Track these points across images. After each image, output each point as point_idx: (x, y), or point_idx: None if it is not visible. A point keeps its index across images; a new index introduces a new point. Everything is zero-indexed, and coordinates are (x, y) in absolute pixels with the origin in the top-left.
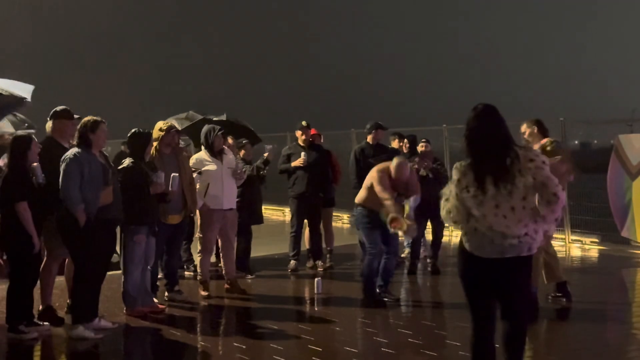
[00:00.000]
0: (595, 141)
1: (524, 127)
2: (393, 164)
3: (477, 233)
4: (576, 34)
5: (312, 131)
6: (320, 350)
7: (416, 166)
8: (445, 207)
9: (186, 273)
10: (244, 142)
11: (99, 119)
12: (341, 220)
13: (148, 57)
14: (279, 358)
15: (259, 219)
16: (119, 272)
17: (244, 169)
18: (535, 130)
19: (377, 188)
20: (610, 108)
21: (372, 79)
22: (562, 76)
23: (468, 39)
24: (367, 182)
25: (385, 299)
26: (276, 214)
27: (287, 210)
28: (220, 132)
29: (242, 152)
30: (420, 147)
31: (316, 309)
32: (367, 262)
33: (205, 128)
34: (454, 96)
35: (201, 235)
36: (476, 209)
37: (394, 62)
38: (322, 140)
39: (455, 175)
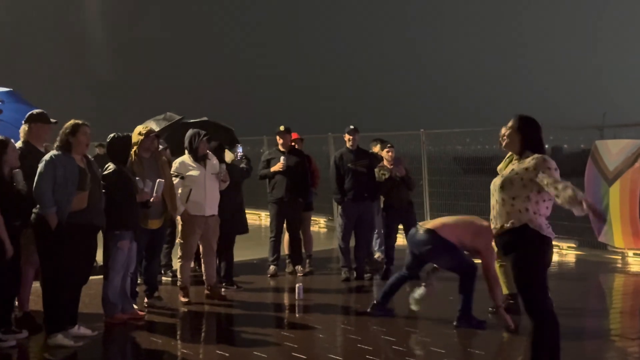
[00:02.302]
0: (565, 145)
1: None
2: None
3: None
4: (546, 43)
5: (294, 135)
6: (304, 357)
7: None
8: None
9: (164, 278)
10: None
11: (80, 122)
12: (318, 225)
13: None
14: None
15: (244, 227)
16: (97, 277)
17: (224, 172)
18: None
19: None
20: (581, 113)
21: (349, 84)
22: (537, 82)
23: (446, 45)
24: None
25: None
26: (252, 217)
27: (263, 214)
28: (205, 137)
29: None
30: (387, 153)
31: (297, 315)
32: (471, 282)
33: (190, 132)
34: (430, 102)
35: (182, 241)
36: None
37: (372, 68)
38: (303, 145)
39: (554, 164)
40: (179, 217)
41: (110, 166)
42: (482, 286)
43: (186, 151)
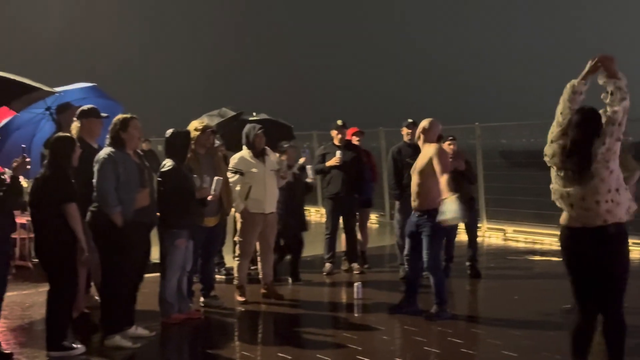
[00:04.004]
0: (631, 138)
1: None
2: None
3: None
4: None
5: (353, 129)
6: None
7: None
8: None
9: (217, 277)
10: (285, 145)
11: (129, 115)
12: (369, 221)
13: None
14: None
15: (302, 225)
16: (151, 275)
17: (285, 167)
18: None
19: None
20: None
21: (401, 76)
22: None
23: (503, 35)
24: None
25: None
26: None
27: (313, 209)
28: (260, 131)
29: (284, 157)
30: (449, 146)
31: (357, 315)
32: None
33: (247, 127)
34: (486, 94)
35: (241, 239)
36: None
37: (423, 60)
38: (363, 138)
39: None
40: (236, 215)
41: (168, 163)
42: (552, 285)
43: (244, 147)
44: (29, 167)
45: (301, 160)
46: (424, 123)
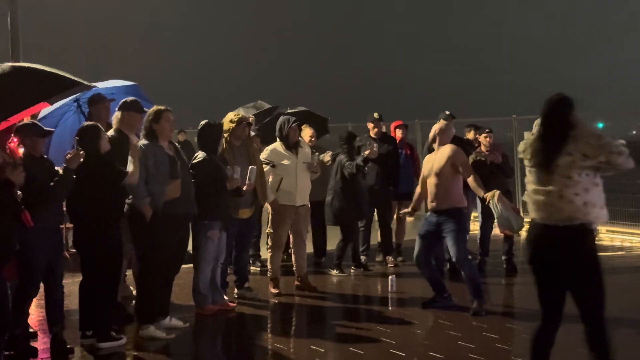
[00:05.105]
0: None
1: None
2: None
3: None
4: None
5: (397, 122)
6: (403, 355)
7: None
8: None
9: (252, 268)
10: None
11: (162, 107)
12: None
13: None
14: None
15: (365, 213)
16: (186, 266)
17: (316, 162)
18: None
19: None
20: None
21: (438, 68)
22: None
23: (539, 24)
24: None
25: None
26: None
27: None
28: (294, 124)
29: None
30: (485, 139)
31: (391, 308)
32: None
33: (280, 119)
34: (523, 85)
35: (272, 231)
36: None
37: (459, 50)
38: (407, 131)
39: None
40: (268, 206)
41: (200, 155)
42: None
43: (278, 139)
44: (82, 159)
45: (366, 153)
46: (438, 126)
